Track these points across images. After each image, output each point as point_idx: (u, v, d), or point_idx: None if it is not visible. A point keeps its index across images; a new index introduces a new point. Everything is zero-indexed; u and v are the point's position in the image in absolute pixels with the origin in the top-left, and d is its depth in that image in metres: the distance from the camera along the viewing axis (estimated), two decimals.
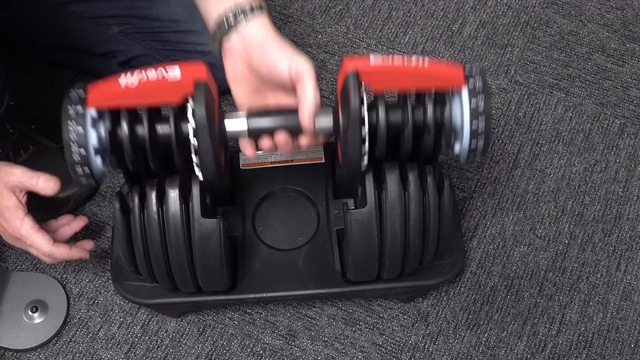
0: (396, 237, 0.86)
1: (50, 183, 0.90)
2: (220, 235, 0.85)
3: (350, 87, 0.76)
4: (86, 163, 0.76)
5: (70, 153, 0.76)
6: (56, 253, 0.92)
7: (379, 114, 0.79)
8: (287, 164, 1.06)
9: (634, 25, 1.32)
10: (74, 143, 0.75)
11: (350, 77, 0.76)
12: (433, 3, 1.35)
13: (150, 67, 0.77)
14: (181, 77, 0.76)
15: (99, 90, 0.77)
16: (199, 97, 0.75)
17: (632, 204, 1.15)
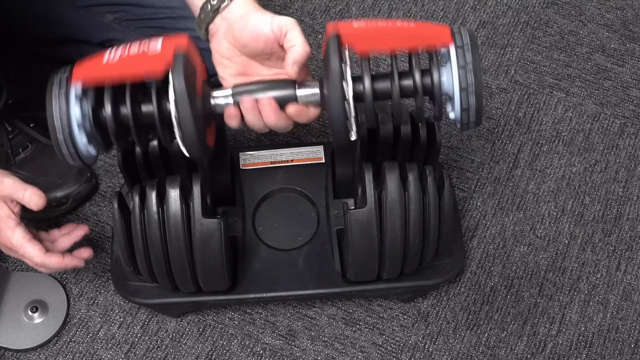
0: (396, 237, 0.86)
1: (35, 197, 0.87)
2: (221, 235, 0.85)
3: (330, 49, 0.72)
4: (71, 141, 0.75)
5: (54, 131, 0.75)
6: (49, 263, 0.89)
7: (364, 80, 0.74)
8: (287, 164, 1.06)
9: (634, 25, 1.33)
10: (57, 120, 0.74)
11: (331, 39, 0.73)
12: (433, 3, 1.35)
13: (135, 42, 0.76)
14: (161, 49, 0.75)
15: (82, 67, 0.76)
16: (177, 67, 0.73)
17: (632, 204, 1.15)
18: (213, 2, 0.82)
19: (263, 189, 1.04)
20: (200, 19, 0.84)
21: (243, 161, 1.06)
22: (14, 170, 1.07)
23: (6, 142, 1.08)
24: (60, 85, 0.75)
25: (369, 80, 0.74)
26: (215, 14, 0.82)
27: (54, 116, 0.74)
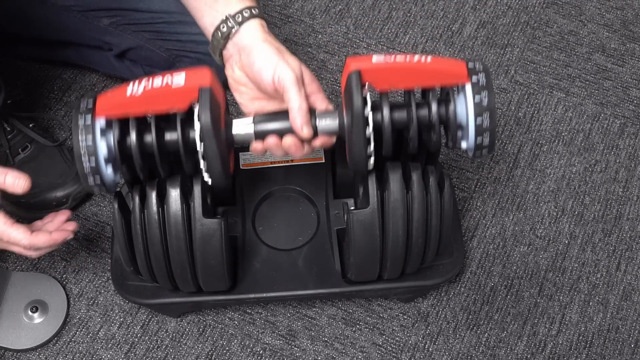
0: (398, 237, 0.86)
1: (19, 181, 0.84)
2: (221, 235, 0.85)
3: (352, 87, 0.75)
4: (97, 172, 0.77)
5: (81, 163, 0.77)
6: (37, 242, 0.87)
7: (383, 113, 0.78)
8: (287, 164, 1.06)
9: (634, 25, 1.33)
10: (84, 154, 0.76)
11: (353, 77, 0.76)
12: (433, 3, 1.35)
13: (157, 75, 0.78)
14: (185, 83, 0.77)
15: (106, 100, 0.78)
16: (203, 103, 0.75)
17: (632, 204, 1.15)
18: (223, 29, 0.83)
19: (263, 189, 1.04)
20: (213, 45, 0.85)
21: (243, 161, 1.06)
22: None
23: (5, 143, 1.08)
24: (85, 119, 0.76)
25: (388, 115, 0.78)
26: (226, 40, 0.84)
27: (80, 150, 0.76)
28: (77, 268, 1.09)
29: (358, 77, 0.76)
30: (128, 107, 0.77)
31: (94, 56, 1.19)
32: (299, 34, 1.31)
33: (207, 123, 0.75)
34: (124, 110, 0.77)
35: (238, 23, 0.82)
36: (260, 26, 0.83)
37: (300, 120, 0.78)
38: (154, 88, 0.77)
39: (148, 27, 1.10)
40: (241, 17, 0.82)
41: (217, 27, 0.83)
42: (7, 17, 1.13)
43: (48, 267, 1.08)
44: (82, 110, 0.77)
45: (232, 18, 0.82)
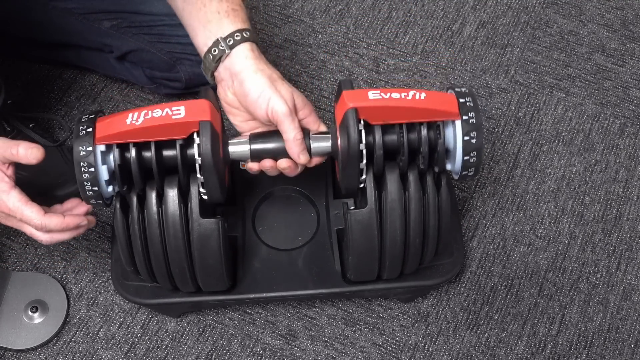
0: (396, 237, 0.86)
1: (32, 151, 0.83)
2: (219, 235, 0.85)
3: (349, 124, 0.79)
4: (99, 196, 0.82)
5: (84, 190, 0.81)
6: (49, 223, 0.84)
7: (375, 139, 0.82)
8: None
9: (634, 25, 1.33)
10: (87, 182, 0.80)
11: (350, 114, 0.80)
12: (433, 3, 1.35)
13: (156, 107, 0.81)
14: (186, 116, 0.80)
15: (105, 127, 0.81)
16: (204, 139, 0.79)
17: (632, 204, 1.15)
18: (214, 52, 0.84)
19: (263, 189, 1.04)
20: (205, 66, 0.86)
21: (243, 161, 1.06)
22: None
23: None
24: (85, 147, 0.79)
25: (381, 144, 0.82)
26: (217, 63, 0.85)
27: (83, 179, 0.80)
28: (77, 268, 1.09)
29: (355, 114, 0.80)
30: (128, 135, 0.80)
31: (95, 58, 1.19)
32: (299, 34, 1.31)
33: (208, 159, 0.80)
34: (123, 138, 0.80)
35: (229, 46, 0.83)
36: (250, 51, 0.84)
37: (296, 150, 0.83)
38: (155, 118, 0.80)
39: (149, 30, 1.10)
40: (232, 41, 0.83)
41: (209, 49, 0.84)
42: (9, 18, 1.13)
43: (48, 267, 1.09)
44: (81, 136, 0.80)
45: (224, 41, 0.83)
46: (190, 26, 0.88)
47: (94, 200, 0.83)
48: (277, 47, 1.29)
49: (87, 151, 0.79)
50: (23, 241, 1.10)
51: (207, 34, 0.85)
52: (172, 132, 0.81)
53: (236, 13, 0.85)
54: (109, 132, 0.80)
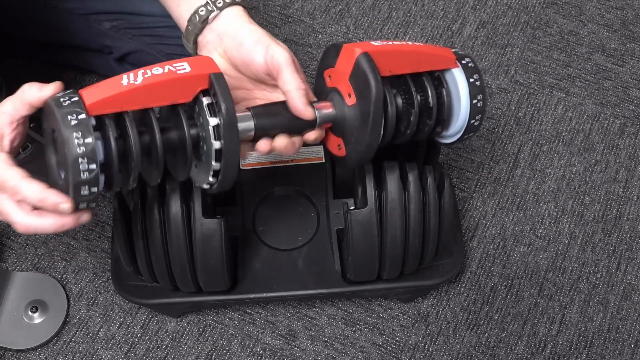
0: (396, 237, 0.87)
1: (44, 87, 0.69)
2: (221, 235, 0.85)
3: (366, 68, 0.71)
4: (95, 182, 0.64)
5: (77, 172, 0.62)
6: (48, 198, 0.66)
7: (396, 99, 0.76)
8: (287, 164, 1.06)
9: (634, 25, 1.33)
10: (83, 159, 0.62)
11: (363, 60, 0.72)
12: (433, 3, 1.35)
13: (153, 65, 0.69)
14: (192, 70, 0.68)
15: (96, 93, 0.65)
16: (222, 89, 0.67)
17: (632, 204, 1.15)
18: (201, 12, 0.78)
19: (263, 189, 1.04)
20: (188, 31, 0.80)
21: (243, 161, 1.06)
22: None
23: None
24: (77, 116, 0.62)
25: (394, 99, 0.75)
26: (203, 24, 0.78)
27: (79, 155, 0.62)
28: (77, 268, 1.09)
29: (369, 57, 0.72)
30: (126, 100, 0.65)
31: (94, 59, 1.19)
32: (299, 34, 1.31)
33: (230, 113, 0.66)
34: (121, 104, 0.65)
35: (219, 8, 0.77)
36: (243, 12, 0.78)
37: (300, 103, 0.73)
38: (156, 76, 0.67)
39: (149, 32, 1.10)
40: (222, 3, 0.77)
41: (196, 10, 0.77)
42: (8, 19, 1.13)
43: (48, 267, 1.09)
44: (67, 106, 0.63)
45: (213, 3, 0.77)
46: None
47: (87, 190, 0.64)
48: None
49: (79, 120, 0.62)
50: (23, 241, 1.10)
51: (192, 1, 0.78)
52: (177, 92, 0.68)
53: None
54: (102, 96, 0.65)
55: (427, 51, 0.78)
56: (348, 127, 0.75)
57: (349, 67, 0.74)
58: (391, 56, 0.75)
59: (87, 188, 0.64)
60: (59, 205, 0.66)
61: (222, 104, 0.66)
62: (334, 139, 0.79)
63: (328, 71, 0.78)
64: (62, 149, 0.63)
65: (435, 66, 0.78)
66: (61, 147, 0.63)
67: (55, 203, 0.66)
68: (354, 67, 0.73)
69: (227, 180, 0.70)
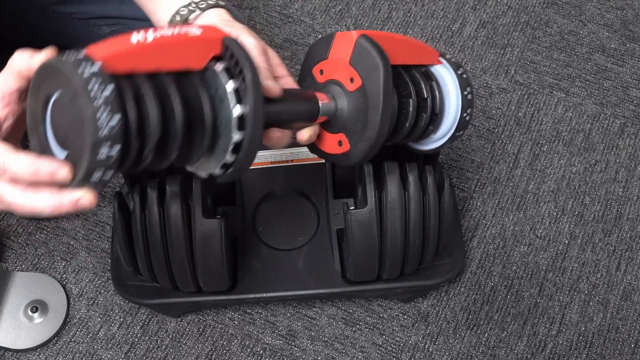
0: (396, 237, 0.86)
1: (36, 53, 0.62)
2: (221, 235, 0.85)
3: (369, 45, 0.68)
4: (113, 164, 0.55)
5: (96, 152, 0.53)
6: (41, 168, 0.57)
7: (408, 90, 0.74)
8: (287, 164, 1.06)
9: (634, 25, 1.33)
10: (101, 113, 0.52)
11: (364, 38, 0.69)
12: (433, 3, 1.35)
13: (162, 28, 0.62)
14: (203, 33, 0.62)
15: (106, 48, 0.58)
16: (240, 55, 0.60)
17: (632, 204, 1.15)
18: (182, 12, 0.75)
19: (263, 189, 1.04)
20: None
21: None
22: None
23: None
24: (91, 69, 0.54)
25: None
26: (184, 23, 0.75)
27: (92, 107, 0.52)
28: (77, 268, 1.09)
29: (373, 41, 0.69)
30: (138, 58, 0.58)
31: None
32: (299, 34, 1.31)
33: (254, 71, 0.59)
34: (132, 62, 0.58)
35: (201, 9, 0.74)
36: (225, 13, 0.74)
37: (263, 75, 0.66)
38: (166, 37, 0.60)
39: None
40: (205, 4, 0.75)
41: (177, 10, 0.74)
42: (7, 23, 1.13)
43: (48, 267, 1.09)
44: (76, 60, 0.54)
45: (196, 4, 0.74)
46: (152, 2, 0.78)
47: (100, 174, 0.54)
48: (277, 47, 1.29)
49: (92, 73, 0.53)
50: (23, 241, 1.10)
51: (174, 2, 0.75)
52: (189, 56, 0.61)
53: None
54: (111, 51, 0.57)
55: (416, 43, 0.77)
56: (352, 116, 0.72)
57: (348, 51, 0.71)
58: (385, 42, 0.72)
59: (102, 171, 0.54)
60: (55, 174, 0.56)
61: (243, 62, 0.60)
62: (331, 138, 0.75)
63: (318, 66, 0.75)
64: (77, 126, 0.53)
65: (423, 60, 0.77)
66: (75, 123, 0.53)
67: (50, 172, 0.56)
68: (355, 49, 0.70)
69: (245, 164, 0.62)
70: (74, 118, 0.53)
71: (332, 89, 0.73)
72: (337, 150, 0.75)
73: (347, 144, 0.73)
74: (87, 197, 0.57)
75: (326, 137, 0.75)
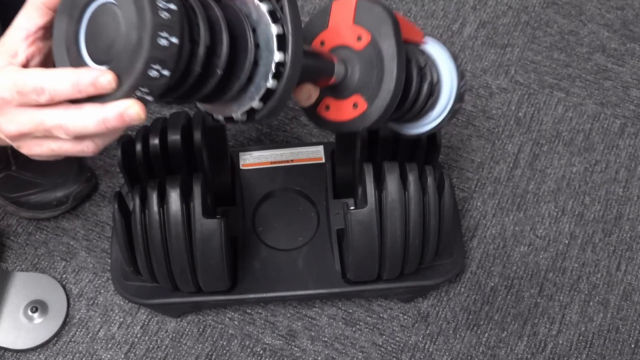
0: (396, 237, 0.86)
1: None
2: (221, 235, 0.85)
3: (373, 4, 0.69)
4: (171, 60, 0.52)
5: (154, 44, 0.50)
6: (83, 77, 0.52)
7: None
8: (287, 164, 1.06)
9: (634, 25, 1.33)
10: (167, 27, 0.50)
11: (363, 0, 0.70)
12: (433, 3, 1.35)
13: None
14: None
15: None
16: None
17: (632, 204, 1.15)
18: None
19: (263, 189, 1.04)
20: None
21: (243, 161, 1.06)
22: (15, 171, 1.07)
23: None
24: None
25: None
26: None
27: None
28: (77, 268, 1.09)
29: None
30: None
31: None
32: None
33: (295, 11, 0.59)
34: None
35: None
36: None
37: None
38: None
39: None
40: None
41: None
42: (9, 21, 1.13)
43: (48, 267, 1.09)
44: None
45: None
46: None
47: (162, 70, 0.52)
48: None
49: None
50: (23, 241, 1.10)
51: None
52: None
53: None
54: None
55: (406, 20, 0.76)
56: (366, 73, 0.71)
57: (350, 13, 0.71)
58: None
59: (159, 69, 0.51)
60: (98, 81, 0.52)
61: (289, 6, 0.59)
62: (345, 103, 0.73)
63: (318, 38, 0.74)
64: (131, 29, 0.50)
65: (412, 36, 0.76)
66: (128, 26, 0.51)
67: (93, 79, 0.52)
68: (357, 9, 0.71)
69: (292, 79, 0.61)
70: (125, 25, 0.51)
71: (338, 54, 0.73)
72: (351, 115, 0.73)
73: (364, 103, 0.71)
74: (134, 107, 0.52)
75: (340, 105, 0.74)
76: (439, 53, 0.77)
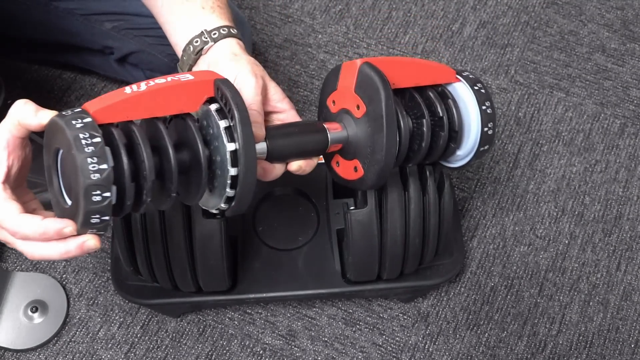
0: (396, 237, 0.86)
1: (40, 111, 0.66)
2: (221, 235, 0.85)
3: (370, 71, 0.70)
4: (108, 211, 0.59)
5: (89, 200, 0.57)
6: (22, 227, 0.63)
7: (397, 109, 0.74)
8: None
9: (634, 25, 1.33)
10: (97, 186, 0.57)
11: (366, 65, 0.71)
12: (433, 3, 1.35)
13: (158, 77, 0.67)
14: (195, 78, 0.66)
15: (100, 103, 0.62)
16: (230, 89, 0.64)
17: (632, 204, 1.15)
18: (196, 44, 0.78)
19: (263, 189, 1.04)
20: (183, 61, 0.80)
21: None
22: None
23: None
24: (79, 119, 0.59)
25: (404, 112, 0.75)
26: (197, 56, 0.78)
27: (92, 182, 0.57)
28: (77, 268, 1.09)
29: (373, 66, 0.71)
30: (132, 106, 0.62)
31: (95, 59, 1.19)
32: (299, 34, 1.31)
33: (243, 110, 0.63)
34: (126, 111, 0.62)
35: (214, 39, 0.77)
36: (237, 44, 0.78)
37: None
38: (160, 84, 0.64)
39: (150, 32, 1.10)
40: (218, 34, 0.78)
41: (191, 40, 0.78)
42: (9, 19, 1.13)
43: (48, 267, 1.09)
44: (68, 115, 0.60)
45: (209, 33, 0.78)
46: (168, 23, 0.82)
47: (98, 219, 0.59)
48: (277, 47, 1.29)
49: (83, 125, 0.58)
50: None
51: (190, 28, 0.78)
52: (183, 100, 0.65)
53: (222, 10, 0.80)
54: (106, 107, 0.61)
55: (427, 64, 0.78)
56: (362, 142, 0.74)
57: (353, 79, 0.73)
58: (391, 66, 0.74)
59: (99, 217, 0.59)
60: (62, 231, 0.62)
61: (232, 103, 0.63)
62: (347, 165, 0.77)
63: (331, 97, 0.78)
64: (73, 174, 0.58)
65: (437, 80, 0.78)
66: (72, 172, 0.58)
67: (57, 231, 0.62)
68: (358, 77, 0.72)
69: (242, 204, 0.67)
70: (71, 168, 0.58)
71: (343, 117, 0.76)
72: (353, 176, 0.77)
73: (362, 170, 0.75)
74: (91, 241, 0.63)
75: (346, 164, 0.78)
76: (465, 96, 0.77)
